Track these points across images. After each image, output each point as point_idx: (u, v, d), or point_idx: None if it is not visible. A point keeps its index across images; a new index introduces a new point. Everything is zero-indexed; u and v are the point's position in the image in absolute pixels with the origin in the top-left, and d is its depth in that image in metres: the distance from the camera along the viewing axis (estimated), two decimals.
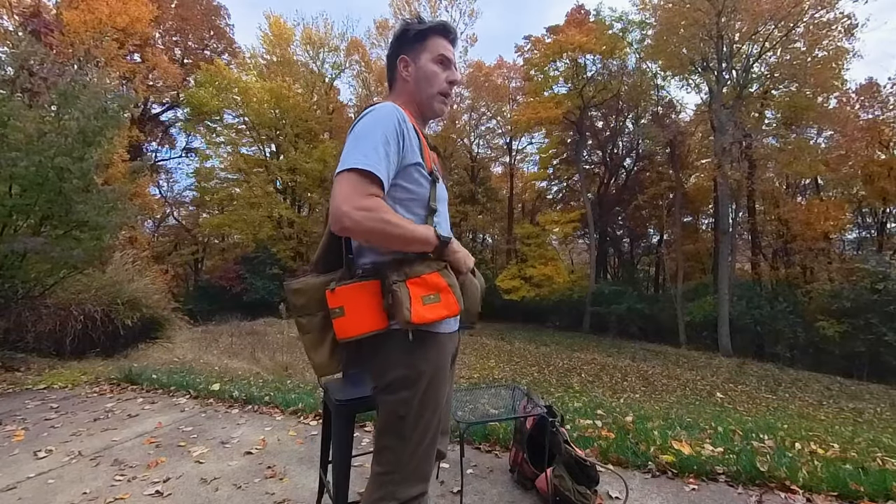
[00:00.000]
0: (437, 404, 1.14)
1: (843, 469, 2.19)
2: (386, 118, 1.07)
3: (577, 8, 24.60)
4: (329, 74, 25.88)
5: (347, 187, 0.99)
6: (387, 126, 1.06)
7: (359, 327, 1.04)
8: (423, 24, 1.22)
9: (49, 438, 2.80)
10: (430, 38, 1.21)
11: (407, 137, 1.09)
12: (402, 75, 1.22)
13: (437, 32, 1.22)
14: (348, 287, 1.06)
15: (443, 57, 1.21)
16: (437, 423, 1.15)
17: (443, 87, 1.22)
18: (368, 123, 1.07)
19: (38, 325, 5.29)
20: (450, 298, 1.06)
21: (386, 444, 1.12)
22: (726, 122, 17.14)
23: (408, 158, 1.09)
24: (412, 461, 1.10)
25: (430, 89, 1.21)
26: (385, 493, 1.09)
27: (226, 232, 25.23)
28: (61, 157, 4.58)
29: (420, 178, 1.12)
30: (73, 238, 5.27)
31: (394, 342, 1.08)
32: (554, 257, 24.37)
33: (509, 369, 13.22)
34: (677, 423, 3.09)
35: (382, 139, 1.03)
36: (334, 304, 1.05)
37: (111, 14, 17.10)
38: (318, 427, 2.91)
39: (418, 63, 1.20)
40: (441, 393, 1.15)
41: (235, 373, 6.21)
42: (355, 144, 1.04)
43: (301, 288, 1.14)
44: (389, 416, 1.12)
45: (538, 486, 1.99)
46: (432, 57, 1.21)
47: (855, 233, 21.51)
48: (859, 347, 15.10)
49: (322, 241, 1.24)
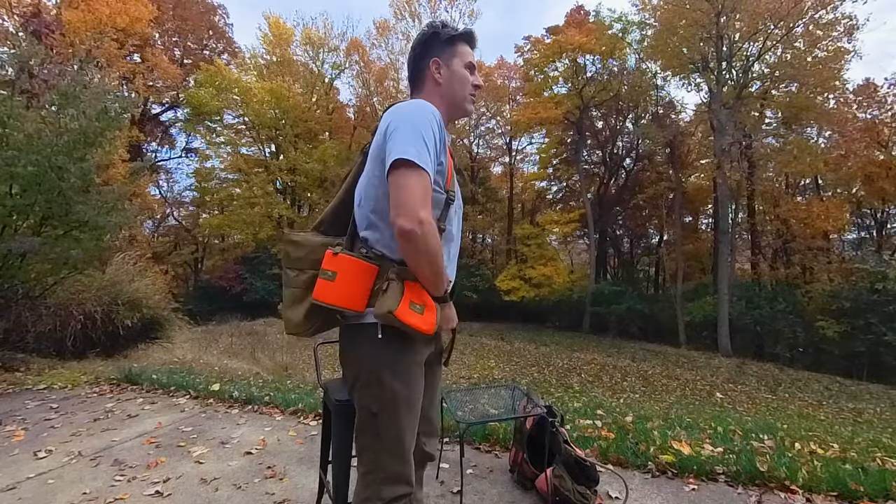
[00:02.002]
0: (411, 403, 1.14)
1: (843, 469, 2.19)
2: (433, 119, 1.08)
3: (577, 8, 24.63)
4: (329, 74, 25.91)
5: (421, 191, 0.99)
6: (433, 126, 1.07)
7: (339, 298, 1.06)
8: (454, 31, 1.27)
9: (49, 438, 2.79)
10: (458, 44, 1.26)
11: (443, 146, 1.10)
12: (433, 77, 1.24)
13: (465, 39, 1.28)
14: (351, 258, 1.07)
15: (470, 63, 1.27)
16: (414, 423, 1.16)
17: (471, 90, 1.28)
18: (421, 119, 1.06)
19: (38, 325, 5.27)
20: (431, 317, 1.07)
21: (363, 443, 1.15)
22: (726, 122, 17.15)
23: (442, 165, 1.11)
24: (391, 461, 1.12)
25: (464, 91, 1.26)
26: (371, 494, 1.12)
27: (226, 232, 25.24)
28: (61, 157, 4.58)
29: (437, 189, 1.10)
30: (72, 238, 5.26)
31: (364, 337, 1.11)
32: (554, 257, 24.37)
33: (509, 369, 13.23)
34: (677, 424, 3.09)
35: (430, 139, 1.04)
36: (328, 267, 1.07)
37: (111, 14, 17.10)
38: (318, 427, 2.91)
39: (451, 66, 1.24)
40: (414, 392, 1.15)
41: (235, 373, 6.21)
42: (416, 136, 1.02)
43: (300, 242, 1.17)
44: (362, 412, 1.14)
45: (538, 486, 1.99)
46: (466, 63, 1.26)
47: (854, 233, 21.53)
48: (859, 347, 15.10)
49: (332, 205, 1.26)
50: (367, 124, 24.64)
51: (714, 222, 22.21)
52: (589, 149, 26.49)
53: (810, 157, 17.77)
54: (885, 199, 18.53)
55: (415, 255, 1.03)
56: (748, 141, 17.75)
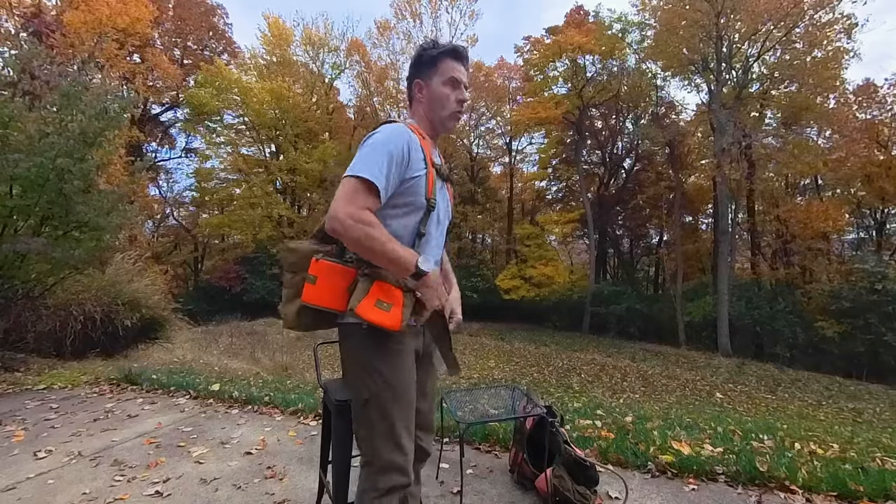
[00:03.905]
0: (398, 393, 1.21)
1: (843, 469, 2.20)
2: (397, 139, 1.18)
3: (577, 9, 24.65)
4: (329, 75, 25.91)
5: (349, 193, 1.10)
6: (395, 147, 1.16)
7: (321, 299, 1.17)
8: (435, 49, 1.32)
9: (49, 439, 2.80)
10: (441, 62, 1.31)
11: (415, 159, 1.20)
12: (417, 97, 1.34)
13: (448, 55, 1.31)
14: (329, 264, 1.18)
15: (452, 79, 1.31)
16: (406, 414, 1.23)
17: (453, 108, 1.33)
18: (380, 140, 1.17)
19: (37, 326, 5.27)
20: (397, 314, 1.13)
21: (359, 433, 1.25)
22: (726, 123, 17.14)
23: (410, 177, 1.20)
24: (385, 449, 1.19)
25: (442, 112, 1.32)
26: (368, 485, 1.21)
27: (225, 232, 25.22)
28: (63, 158, 4.58)
29: (416, 198, 1.21)
30: (73, 239, 5.27)
31: (351, 331, 1.22)
32: (554, 257, 24.37)
33: (509, 369, 13.23)
34: (677, 424, 3.09)
35: (388, 157, 1.14)
36: (312, 272, 1.18)
37: (111, 15, 17.11)
38: (317, 427, 2.91)
39: (430, 87, 1.31)
40: (401, 381, 1.22)
41: (235, 373, 6.21)
42: (364, 155, 1.15)
43: (295, 248, 1.29)
44: (356, 402, 1.24)
45: (538, 486, 1.99)
46: (443, 80, 1.31)
47: (854, 234, 21.54)
48: (858, 347, 15.10)
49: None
50: (367, 124, 24.64)
51: (714, 222, 22.19)
52: (589, 149, 26.50)
53: (810, 157, 17.78)
54: (884, 200, 18.53)
55: (353, 248, 1.14)
56: (748, 141, 17.73)
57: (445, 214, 1.35)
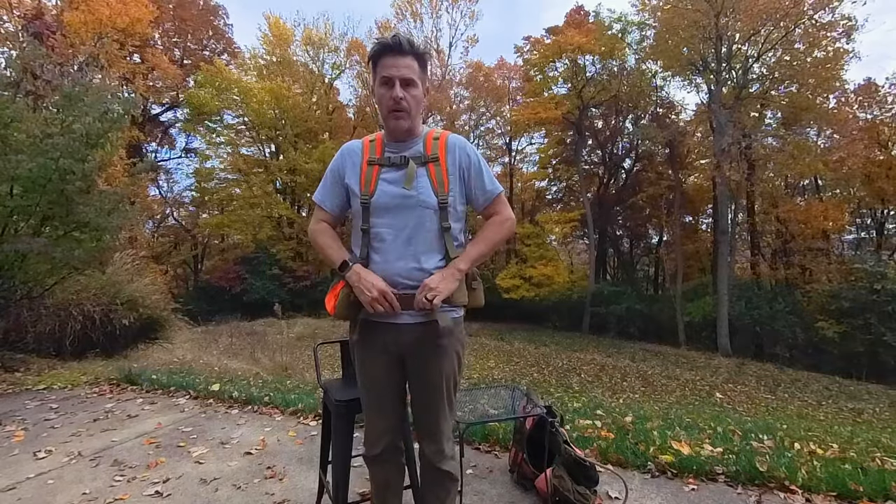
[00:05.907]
0: (364, 383, 1.39)
1: (842, 469, 2.20)
2: (337, 157, 1.38)
3: (577, 9, 24.64)
4: (329, 75, 25.89)
5: (314, 211, 1.42)
6: (333, 165, 1.38)
7: (327, 303, 1.37)
8: (373, 49, 1.27)
9: (49, 439, 2.80)
10: (378, 62, 1.26)
11: (349, 167, 1.33)
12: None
13: (382, 53, 1.24)
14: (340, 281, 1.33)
15: (384, 78, 1.24)
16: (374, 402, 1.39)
17: (388, 106, 1.26)
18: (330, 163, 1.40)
19: (37, 326, 5.27)
20: (331, 301, 1.33)
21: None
22: (725, 123, 17.13)
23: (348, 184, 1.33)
24: (368, 426, 1.41)
25: (383, 111, 1.29)
26: (363, 452, 1.44)
27: (226, 232, 25.22)
28: (65, 159, 4.58)
29: (354, 199, 1.33)
30: (73, 239, 5.26)
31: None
32: (554, 257, 24.35)
33: (509, 369, 13.22)
34: (677, 424, 3.09)
35: (329, 175, 1.38)
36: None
37: (111, 15, 17.12)
38: (317, 427, 2.91)
39: (374, 88, 1.30)
40: (365, 375, 1.37)
41: (235, 373, 6.20)
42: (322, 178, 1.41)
43: None
44: None
45: (538, 486, 1.99)
46: (379, 81, 1.26)
47: (853, 234, 21.53)
48: (858, 347, 15.09)
49: None
50: (367, 124, 24.64)
51: (713, 222, 22.19)
52: (588, 149, 26.47)
53: (809, 157, 17.77)
54: (884, 200, 18.52)
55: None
56: (747, 141, 17.73)
57: (405, 200, 1.24)
